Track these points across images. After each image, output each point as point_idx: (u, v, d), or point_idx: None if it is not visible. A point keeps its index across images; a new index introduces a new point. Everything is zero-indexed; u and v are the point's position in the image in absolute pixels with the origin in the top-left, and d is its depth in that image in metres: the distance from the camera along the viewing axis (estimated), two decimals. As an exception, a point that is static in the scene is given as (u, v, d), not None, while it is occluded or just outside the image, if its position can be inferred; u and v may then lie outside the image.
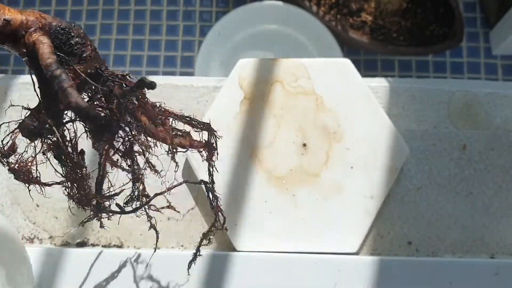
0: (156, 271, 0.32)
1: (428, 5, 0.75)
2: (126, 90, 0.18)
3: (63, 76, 0.15)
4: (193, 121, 0.22)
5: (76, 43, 0.17)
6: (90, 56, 0.18)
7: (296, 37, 0.75)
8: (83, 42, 0.17)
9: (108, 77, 0.18)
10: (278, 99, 0.35)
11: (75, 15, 0.85)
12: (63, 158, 0.19)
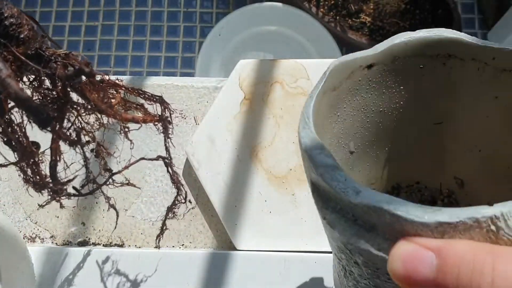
0: (157, 270, 0.32)
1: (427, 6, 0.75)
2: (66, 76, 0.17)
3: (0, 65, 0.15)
4: (145, 94, 0.21)
5: (10, 24, 0.16)
6: (28, 36, 0.17)
7: (295, 38, 0.76)
8: (18, 23, 0.16)
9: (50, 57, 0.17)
10: (277, 99, 0.35)
11: (77, 16, 0.86)
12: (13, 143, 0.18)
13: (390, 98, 0.20)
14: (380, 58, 0.19)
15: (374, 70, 0.19)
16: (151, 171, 0.35)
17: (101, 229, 0.35)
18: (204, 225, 0.34)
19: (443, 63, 0.19)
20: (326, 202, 0.15)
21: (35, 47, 0.17)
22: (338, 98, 0.20)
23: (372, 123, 0.21)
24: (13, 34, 0.16)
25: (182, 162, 0.35)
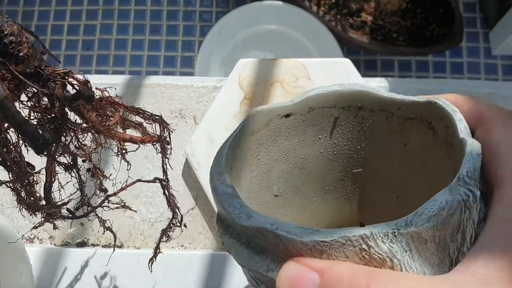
0: (156, 271, 0.32)
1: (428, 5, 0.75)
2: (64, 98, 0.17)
3: None
4: (145, 113, 0.21)
5: (10, 42, 0.16)
6: (28, 54, 0.17)
7: (296, 37, 0.75)
8: (18, 41, 0.16)
9: (49, 76, 0.17)
10: (278, 99, 0.35)
11: (75, 15, 0.85)
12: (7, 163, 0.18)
13: (310, 146, 0.22)
14: (296, 109, 0.21)
15: (292, 119, 0.21)
16: (150, 171, 0.35)
17: (100, 230, 0.34)
18: (203, 226, 0.34)
19: (355, 114, 0.21)
20: (226, 228, 0.17)
21: (34, 66, 0.17)
22: (258, 143, 0.21)
23: (295, 169, 0.22)
24: (12, 52, 0.16)
25: (182, 162, 0.35)
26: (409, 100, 0.19)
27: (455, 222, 0.14)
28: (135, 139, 0.20)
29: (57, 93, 0.17)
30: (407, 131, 0.20)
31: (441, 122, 0.18)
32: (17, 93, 0.17)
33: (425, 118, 0.19)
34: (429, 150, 0.19)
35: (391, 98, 0.20)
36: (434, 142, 0.19)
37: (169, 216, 0.35)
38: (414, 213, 0.14)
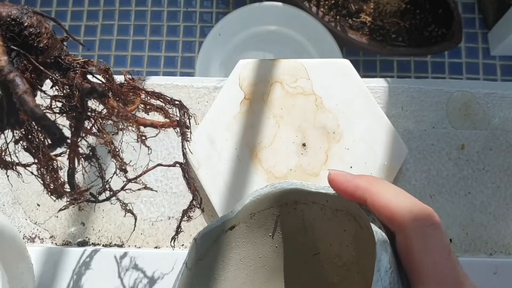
0: (157, 270, 0.32)
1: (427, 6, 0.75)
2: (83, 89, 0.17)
3: (17, 81, 0.15)
4: (165, 98, 0.21)
5: (30, 34, 0.16)
6: (47, 45, 0.17)
7: (295, 38, 0.76)
8: (37, 32, 0.16)
9: (69, 65, 0.17)
10: (277, 99, 0.35)
11: (76, 16, 0.86)
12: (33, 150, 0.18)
13: (264, 245, 0.24)
14: (239, 219, 0.23)
15: (238, 229, 0.23)
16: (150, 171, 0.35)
17: (101, 229, 0.34)
18: (204, 225, 0.34)
19: (293, 208, 0.23)
20: None
21: (54, 55, 0.17)
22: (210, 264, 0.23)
23: (257, 269, 0.24)
24: (32, 44, 0.16)
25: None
26: (333, 193, 0.20)
27: None
28: (155, 124, 0.20)
29: (76, 83, 0.17)
30: (342, 220, 0.22)
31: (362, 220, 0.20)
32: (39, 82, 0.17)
33: (351, 212, 0.21)
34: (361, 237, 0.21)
35: (318, 192, 0.21)
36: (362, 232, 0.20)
37: (169, 216, 0.35)
38: None
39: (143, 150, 0.22)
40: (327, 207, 0.22)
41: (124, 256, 0.33)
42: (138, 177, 0.23)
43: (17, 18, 0.16)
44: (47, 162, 0.18)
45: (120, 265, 0.32)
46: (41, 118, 0.15)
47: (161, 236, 0.34)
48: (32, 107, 0.14)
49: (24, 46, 0.16)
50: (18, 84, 0.15)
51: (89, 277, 0.32)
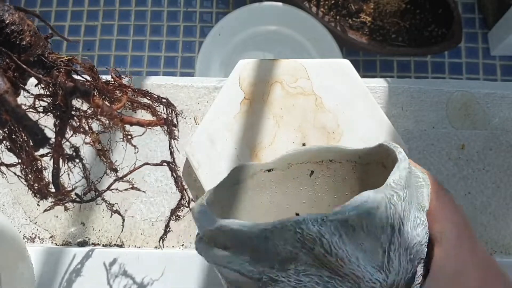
0: (157, 270, 0.32)
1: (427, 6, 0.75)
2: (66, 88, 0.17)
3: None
4: (152, 96, 0.21)
5: (12, 32, 0.16)
6: (30, 43, 0.16)
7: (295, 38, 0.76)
8: (20, 30, 0.16)
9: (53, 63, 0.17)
10: (277, 99, 0.35)
11: (76, 16, 0.86)
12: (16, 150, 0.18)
13: (292, 197, 0.26)
14: (277, 165, 0.26)
15: (274, 174, 0.26)
16: (150, 171, 0.35)
17: (101, 229, 0.34)
18: (204, 225, 0.34)
19: (327, 166, 0.25)
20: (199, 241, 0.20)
21: (38, 53, 0.17)
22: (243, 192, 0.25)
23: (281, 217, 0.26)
24: (14, 42, 0.16)
25: (182, 162, 0.35)
26: (366, 148, 0.23)
27: (382, 216, 0.17)
28: (142, 122, 0.20)
29: (60, 81, 0.17)
30: (369, 175, 0.24)
31: (389, 158, 0.22)
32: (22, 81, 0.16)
33: (379, 160, 0.23)
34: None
35: (352, 149, 0.24)
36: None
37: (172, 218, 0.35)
38: (343, 206, 0.17)
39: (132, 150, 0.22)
40: (358, 164, 0.24)
41: (124, 256, 0.33)
42: (124, 176, 0.23)
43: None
44: (31, 162, 0.18)
45: (120, 265, 0.32)
46: (23, 118, 0.14)
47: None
48: (14, 107, 0.14)
49: (6, 44, 0.16)
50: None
51: (89, 277, 0.32)
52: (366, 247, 0.17)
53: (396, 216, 0.17)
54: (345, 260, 0.17)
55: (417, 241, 0.18)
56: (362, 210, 0.17)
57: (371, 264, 0.17)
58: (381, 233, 0.17)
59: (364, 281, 0.17)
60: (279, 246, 0.17)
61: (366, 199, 0.17)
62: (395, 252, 0.17)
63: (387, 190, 0.18)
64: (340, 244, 0.17)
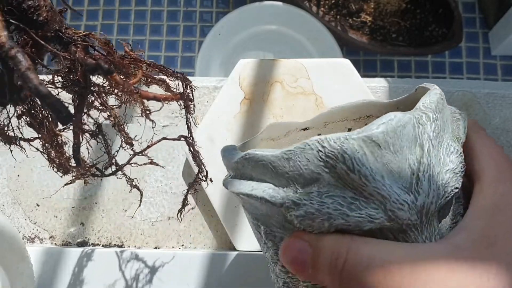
0: (157, 270, 0.32)
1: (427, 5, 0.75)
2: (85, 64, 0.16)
3: (19, 57, 0.14)
4: (167, 70, 0.20)
5: (29, 7, 0.15)
6: (47, 18, 0.16)
7: (296, 38, 0.76)
8: (36, 5, 0.16)
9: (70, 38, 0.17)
10: (278, 99, 0.35)
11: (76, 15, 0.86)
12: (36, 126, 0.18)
13: None
14: (313, 123, 0.24)
15: (309, 132, 0.24)
16: (150, 171, 0.35)
17: (100, 229, 0.34)
18: (204, 225, 0.34)
19: (365, 123, 0.24)
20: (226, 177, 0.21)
21: (55, 29, 0.16)
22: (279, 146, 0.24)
23: None
24: (31, 17, 0.16)
25: (182, 163, 0.35)
26: (403, 97, 0.22)
27: (409, 135, 0.16)
28: (158, 97, 0.19)
29: (79, 57, 0.16)
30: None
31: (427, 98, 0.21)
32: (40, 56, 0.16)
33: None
34: None
35: (390, 101, 0.22)
36: None
37: (169, 216, 0.35)
38: (368, 124, 0.16)
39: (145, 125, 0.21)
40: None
41: (123, 257, 0.32)
42: (143, 151, 0.22)
43: None
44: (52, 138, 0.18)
45: (119, 265, 0.32)
46: (46, 96, 0.14)
47: (160, 236, 0.34)
48: (36, 84, 0.14)
49: (23, 20, 0.16)
50: (20, 61, 0.14)
51: (89, 278, 0.32)
52: (393, 167, 0.16)
53: (425, 136, 0.17)
54: (369, 178, 0.16)
55: (450, 167, 0.17)
56: (387, 127, 0.16)
57: (397, 185, 0.16)
58: (409, 153, 0.16)
59: (390, 201, 0.16)
60: (301, 166, 0.16)
61: (393, 117, 0.16)
62: (425, 173, 0.16)
63: (416, 111, 0.17)
64: (363, 160, 0.16)
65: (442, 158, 0.17)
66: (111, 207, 0.35)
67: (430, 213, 0.17)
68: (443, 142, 0.18)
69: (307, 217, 0.16)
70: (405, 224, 0.16)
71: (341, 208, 0.16)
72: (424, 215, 0.16)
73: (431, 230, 0.17)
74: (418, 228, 0.16)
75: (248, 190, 0.18)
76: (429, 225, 0.17)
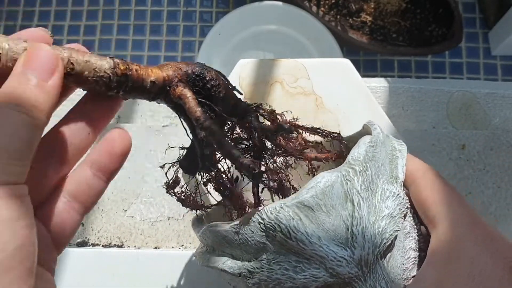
0: (156, 270, 0.32)
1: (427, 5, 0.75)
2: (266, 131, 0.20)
3: (213, 128, 0.17)
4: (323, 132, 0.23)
5: (212, 86, 0.18)
6: (225, 95, 0.19)
7: (295, 38, 0.76)
8: (217, 84, 0.18)
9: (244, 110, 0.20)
10: (278, 99, 0.35)
11: (76, 16, 0.86)
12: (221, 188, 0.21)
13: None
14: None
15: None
16: (150, 171, 0.35)
17: (100, 229, 0.34)
18: (203, 225, 0.34)
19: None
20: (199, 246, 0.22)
21: (232, 103, 0.19)
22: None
23: None
24: (214, 95, 0.18)
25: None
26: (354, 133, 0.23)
27: (339, 192, 0.18)
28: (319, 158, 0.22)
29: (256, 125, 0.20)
30: None
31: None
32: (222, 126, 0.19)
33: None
34: None
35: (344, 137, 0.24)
36: None
37: (169, 216, 0.35)
38: (299, 191, 0.17)
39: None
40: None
41: (123, 257, 0.32)
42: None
43: (200, 73, 0.18)
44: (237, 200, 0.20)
45: (119, 265, 0.32)
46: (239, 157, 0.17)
47: (160, 236, 0.34)
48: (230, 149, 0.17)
49: (208, 97, 0.18)
50: (215, 131, 0.17)
51: (89, 278, 0.32)
52: (328, 226, 0.17)
53: (354, 191, 0.18)
54: (305, 242, 0.17)
55: (386, 213, 0.18)
56: (316, 190, 0.17)
57: (334, 242, 0.17)
58: (341, 210, 0.18)
59: (328, 260, 0.17)
60: (248, 238, 0.18)
61: (320, 179, 0.17)
62: (358, 226, 0.17)
63: (344, 167, 0.18)
64: (299, 227, 0.17)
65: (377, 206, 0.18)
66: (111, 207, 0.35)
67: (370, 263, 0.18)
68: (377, 189, 0.19)
69: (261, 283, 0.18)
70: (347, 278, 0.17)
71: (287, 272, 0.17)
72: (364, 266, 0.17)
73: (374, 278, 0.18)
74: (362, 278, 0.17)
75: (211, 263, 0.19)
76: (371, 273, 0.18)
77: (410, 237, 0.20)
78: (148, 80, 0.17)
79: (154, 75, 0.17)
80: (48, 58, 0.14)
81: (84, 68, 0.15)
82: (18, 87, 0.14)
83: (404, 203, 0.19)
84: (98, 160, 0.16)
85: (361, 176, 0.18)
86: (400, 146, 0.21)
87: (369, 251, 0.17)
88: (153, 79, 0.17)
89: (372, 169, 0.19)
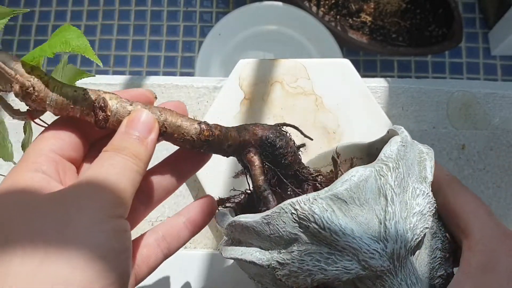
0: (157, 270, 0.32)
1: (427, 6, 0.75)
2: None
3: (269, 198, 0.20)
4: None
5: (279, 153, 0.21)
6: (291, 161, 0.21)
7: (295, 38, 0.76)
8: (285, 152, 0.21)
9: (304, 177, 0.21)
10: (278, 99, 0.35)
11: (76, 16, 0.86)
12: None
13: None
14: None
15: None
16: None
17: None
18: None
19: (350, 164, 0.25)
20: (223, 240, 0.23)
21: (294, 169, 0.21)
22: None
23: None
24: (280, 161, 0.21)
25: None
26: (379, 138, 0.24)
27: (372, 187, 0.18)
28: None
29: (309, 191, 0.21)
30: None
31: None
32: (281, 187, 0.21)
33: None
34: None
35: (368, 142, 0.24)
36: None
37: (169, 216, 0.35)
38: (333, 184, 0.18)
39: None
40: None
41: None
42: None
43: (272, 141, 0.20)
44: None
45: (120, 265, 0.32)
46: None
47: (161, 236, 0.34)
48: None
49: (273, 162, 0.21)
50: (270, 201, 0.20)
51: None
52: (361, 219, 0.18)
53: (387, 186, 0.18)
54: (339, 234, 0.17)
55: (417, 210, 0.19)
56: (350, 184, 0.17)
57: (367, 235, 0.17)
58: (374, 204, 0.18)
59: (361, 252, 0.17)
60: (280, 229, 0.18)
61: (354, 173, 0.18)
62: (391, 221, 0.18)
63: (377, 163, 0.18)
64: (332, 218, 0.17)
65: (409, 203, 0.19)
66: (111, 207, 0.35)
67: (402, 257, 0.18)
68: (408, 187, 0.19)
69: (291, 275, 0.18)
70: (379, 271, 0.17)
71: (319, 264, 0.18)
72: (396, 260, 0.18)
73: (405, 272, 0.18)
74: (392, 272, 0.18)
75: (238, 255, 0.19)
76: (402, 267, 0.18)
77: (437, 237, 0.20)
78: (226, 144, 0.20)
79: (232, 140, 0.20)
80: (148, 120, 0.18)
81: (175, 131, 0.19)
82: (124, 141, 0.18)
83: (433, 202, 0.19)
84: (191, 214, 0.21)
85: (394, 173, 0.18)
86: (427, 149, 0.22)
87: (401, 245, 0.18)
88: (230, 143, 0.20)
89: (403, 167, 0.19)
